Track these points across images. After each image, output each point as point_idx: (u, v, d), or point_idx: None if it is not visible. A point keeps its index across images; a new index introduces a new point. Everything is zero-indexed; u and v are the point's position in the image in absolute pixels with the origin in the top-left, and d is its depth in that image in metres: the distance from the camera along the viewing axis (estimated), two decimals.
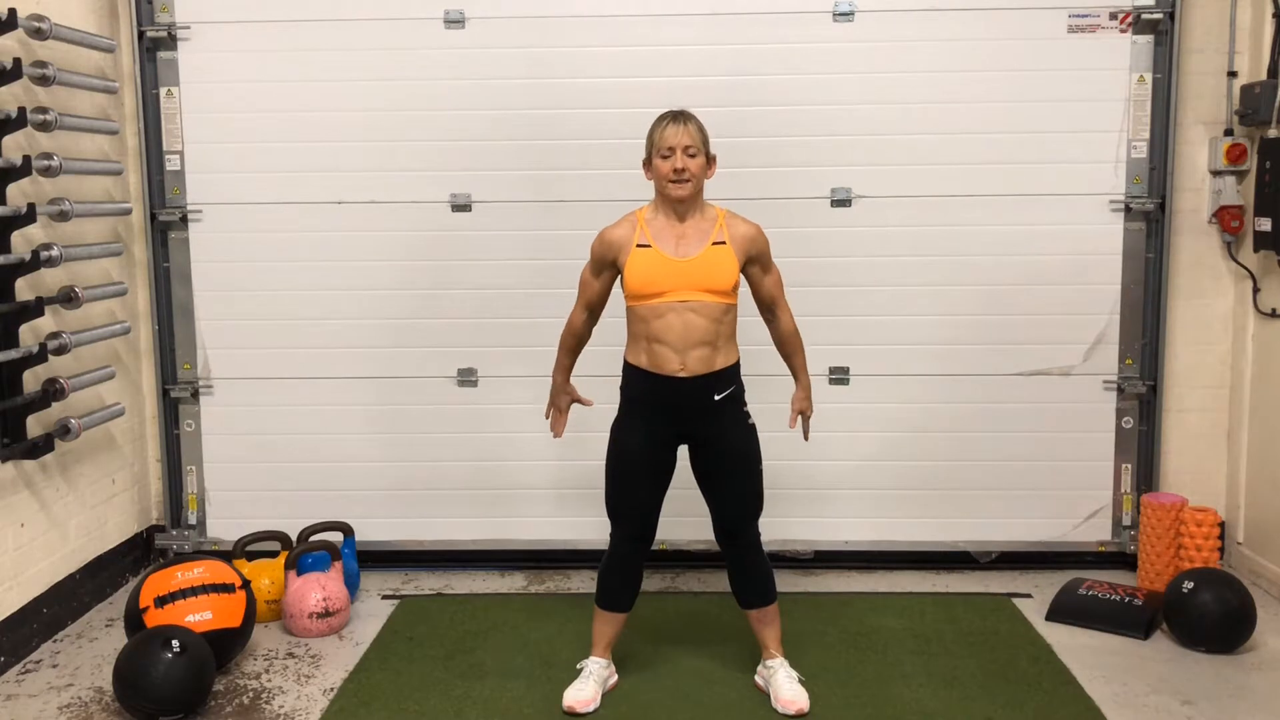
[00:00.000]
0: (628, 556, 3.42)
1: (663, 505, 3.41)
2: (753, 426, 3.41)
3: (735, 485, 3.37)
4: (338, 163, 4.46)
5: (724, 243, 3.28)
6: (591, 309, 3.50)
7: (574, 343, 3.55)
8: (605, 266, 3.40)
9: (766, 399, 3.58)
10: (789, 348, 3.51)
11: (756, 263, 3.37)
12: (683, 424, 3.35)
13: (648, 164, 3.35)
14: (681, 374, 3.28)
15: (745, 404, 3.41)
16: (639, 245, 3.29)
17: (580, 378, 3.58)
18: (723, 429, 3.35)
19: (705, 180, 3.33)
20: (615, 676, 3.52)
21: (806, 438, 3.56)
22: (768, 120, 4.39)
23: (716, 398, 3.32)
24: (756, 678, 3.51)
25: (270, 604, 4.06)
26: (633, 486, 3.36)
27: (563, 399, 3.60)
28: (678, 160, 3.23)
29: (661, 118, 3.34)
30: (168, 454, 4.63)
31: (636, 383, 3.37)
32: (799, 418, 3.52)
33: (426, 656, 3.76)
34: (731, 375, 3.36)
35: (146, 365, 4.61)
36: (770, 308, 3.47)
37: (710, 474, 3.39)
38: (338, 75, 4.42)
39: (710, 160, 3.33)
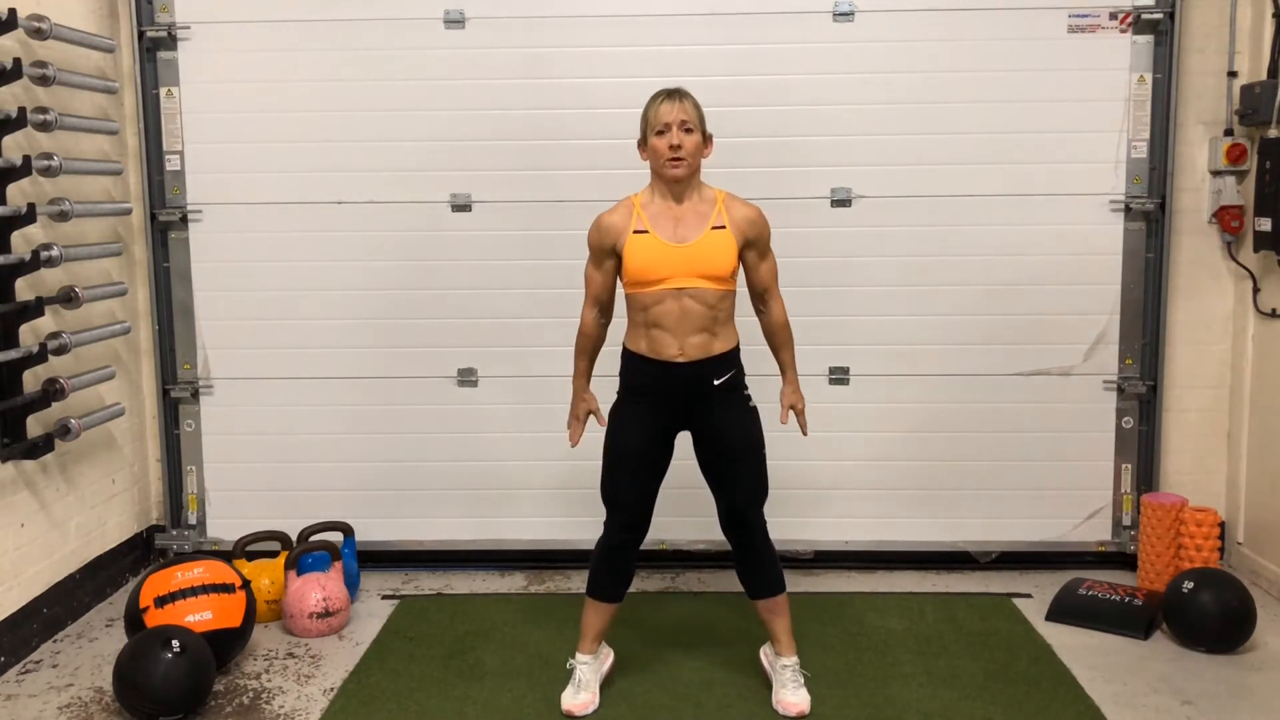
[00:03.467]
0: (619, 549, 3.37)
1: (657, 496, 3.37)
2: (754, 410, 3.37)
3: (740, 470, 3.31)
4: (338, 163, 4.46)
5: (723, 227, 3.23)
6: (601, 305, 3.43)
7: (588, 344, 3.48)
8: (606, 255, 3.34)
9: (764, 398, 3.56)
10: (778, 339, 3.45)
11: (754, 247, 3.31)
12: (682, 411, 3.32)
13: (643, 144, 3.29)
14: (680, 359, 3.25)
15: (746, 388, 3.37)
16: (636, 231, 3.24)
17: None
18: (724, 414, 3.32)
19: (702, 159, 3.27)
20: (611, 658, 3.51)
21: (805, 433, 3.50)
22: (768, 120, 4.39)
23: (716, 382, 3.29)
24: (762, 657, 3.50)
25: (270, 604, 4.06)
26: (629, 475, 3.32)
27: (581, 407, 3.48)
28: (673, 137, 3.17)
29: (656, 95, 3.27)
30: (168, 454, 4.63)
31: (635, 369, 3.34)
32: (789, 412, 3.48)
33: (426, 656, 3.76)
34: (731, 359, 3.32)
35: (146, 365, 4.61)
36: (762, 296, 3.40)
37: (713, 460, 3.35)
38: (338, 75, 4.42)
39: (707, 139, 3.28)
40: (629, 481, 3.32)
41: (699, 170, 3.28)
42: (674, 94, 3.24)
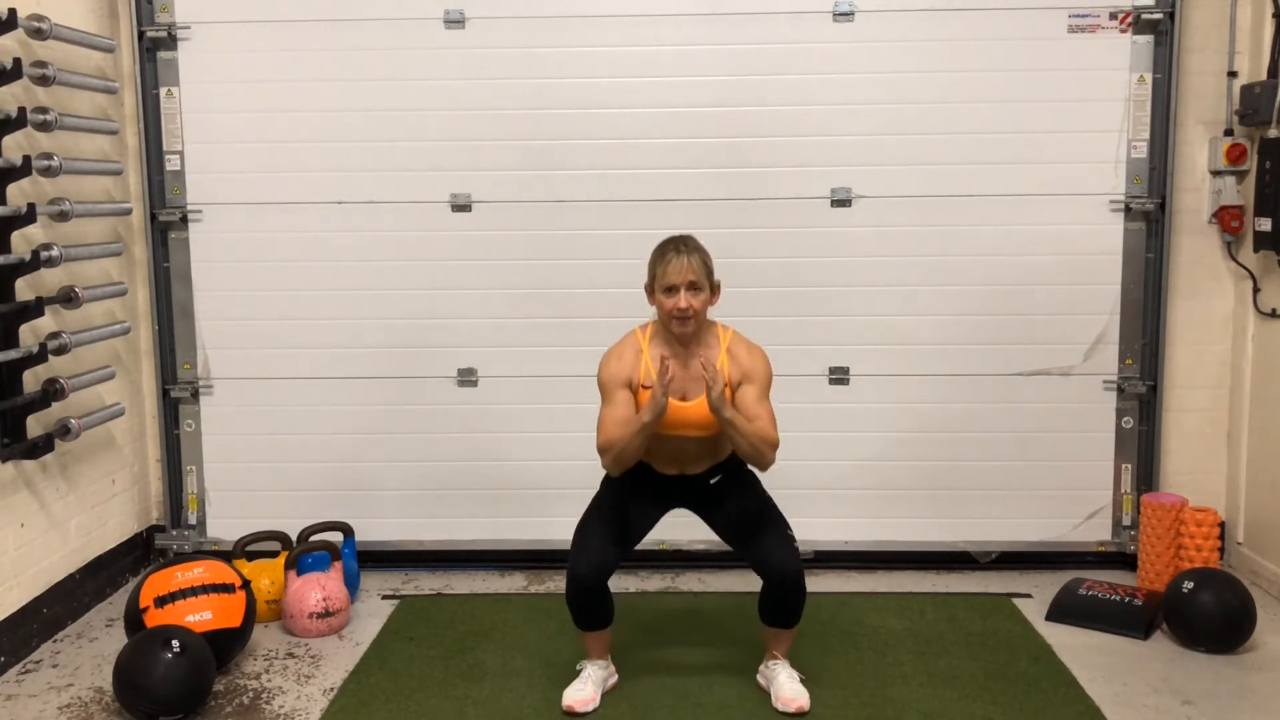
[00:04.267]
0: (584, 594, 3.31)
1: (618, 563, 3.35)
2: (754, 474, 3.41)
3: (766, 534, 3.30)
4: (338, 163, 4.46)
5: (725, 384, 3.19)
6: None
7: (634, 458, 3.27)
8: (619, 388, 3.25)
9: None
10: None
11: (748, 381, 3.25)
12: (679, 500, 3.41)
13: (650, 292, 3.26)
14: (676, 474, 3.35)
15: (744, 464, 3.39)
16: (644, 386, 3.22)
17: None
18: (728, 497, 3.36)
19: (711, 307, 3.26)
20: (615, 676, 3.51)
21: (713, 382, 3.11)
22: (768, 120, 4.39)
23: (712, 481, 3.38)
24: (758, 677, 3.51)
25: (270, 604, 4.06)
26: (599, 539, 3.30)
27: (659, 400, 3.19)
28: (681, 299, 3.15)
29: (664, 248, 3.23)
30: (168, 454, 4.63)
31: (632, 469, 3.33)
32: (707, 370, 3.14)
33: (426, 656, 3.76)
34: (726, 461, 3.38)
35: (146, 365, 4.61)
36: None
37: (735, 536, 3.38)
38: (338, 75, 4.42)
39: (715, 289, 3.25)
40: (596, 547, 3.29)
41: (705, 316, 3.27)
42: (681, 249, 3.19)
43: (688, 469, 3.37)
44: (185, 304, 4.56)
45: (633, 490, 3.41)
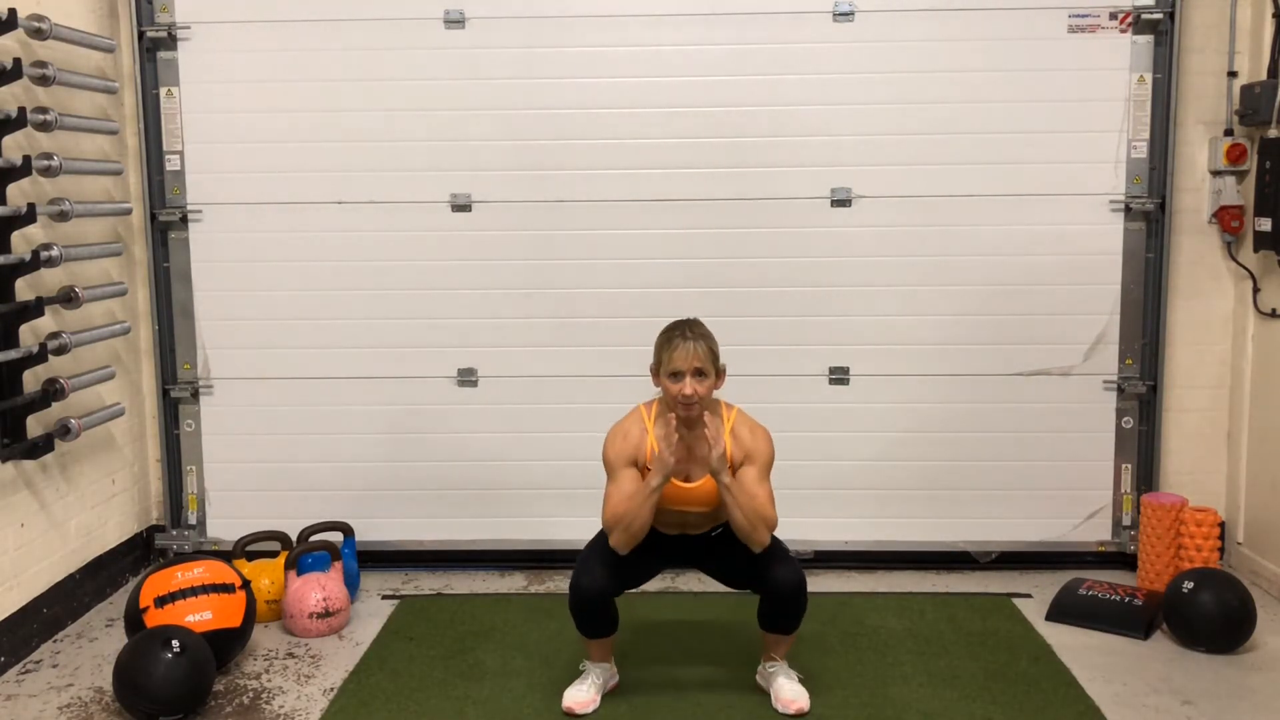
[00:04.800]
0: (591, 602, 3.29)
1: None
2: None
3: (765, 557, 3.27)
4: (338, 163, 4.46)
5: (727, 456, 3.19)
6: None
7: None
8: (626, 465, 3.25)
9: (764, 399, 3.57)
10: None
11: (749, 463, 3.24)
12: (680, 556, 3.44)
13: (655, 374, 3.25)
14: (679, 534, 3.37)
15: None
16: (648, 466, 3.22)
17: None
18: (729, 548, 3.35)
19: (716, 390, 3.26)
20: (616, 678, 3.51)
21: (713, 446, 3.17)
22: (767, 120, 4.39)
23: (714, 534, 3.40)
24: (757, 677, 3.51)
25: (270, 604, 4.06)
26: (605, 568, 3.28)
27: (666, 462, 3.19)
28: (686, 386, 3.15)
29: (670, 333, 3.22)
30: (168, 454, 4.63)
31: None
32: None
33: (426, 656, 3.76)
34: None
35: (146, 365, 4.61)
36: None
37: (737, 575, 3.39)
38: (338, 75, 4.42)
39: (719, 374, 3.24)
40: (600, 572, 3.27)
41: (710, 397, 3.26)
42: (688, 335, 3.19)
43: (690, 531, 3.40)
44: (185, 304, 4.56)
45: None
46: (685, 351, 3.16)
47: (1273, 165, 4.12)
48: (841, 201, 4.42)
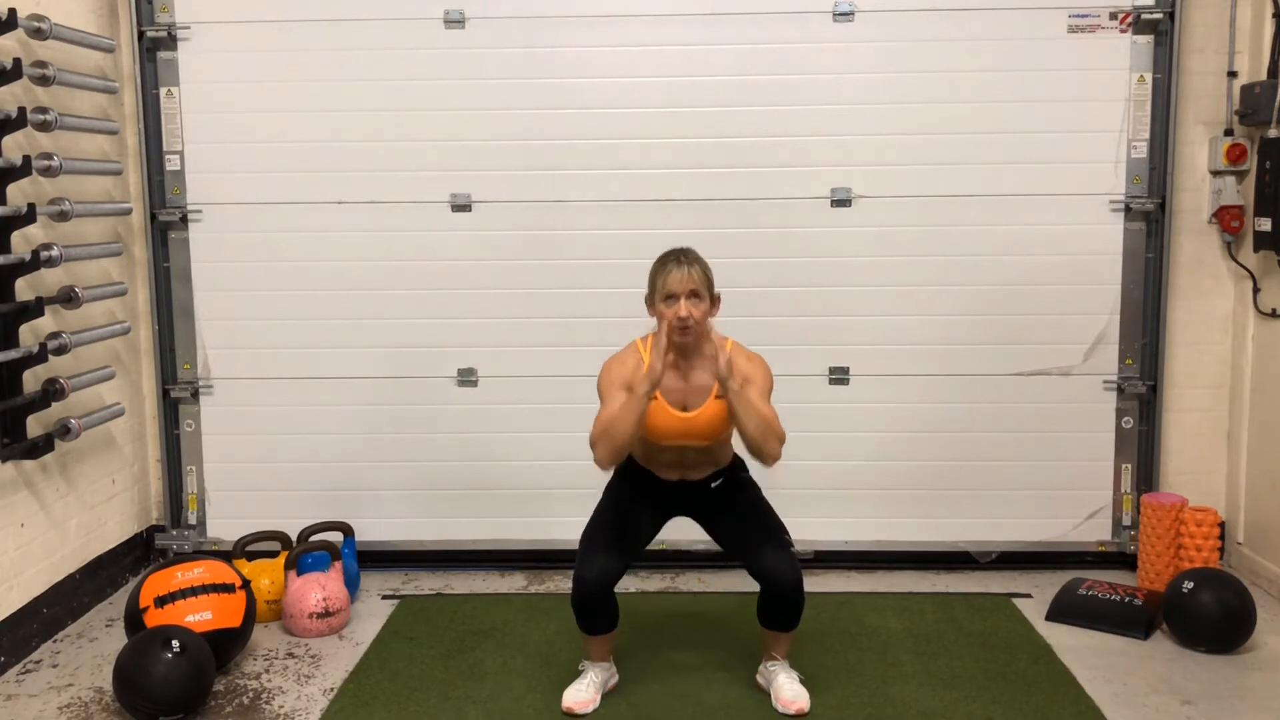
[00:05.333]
0: (594, 596, 3.31)
1: (623, 574, 3.36)
2: (753, 481, 3.46)
3: (765, 544, 3.29)
4: (338, 163, 4.46)
5: (724, 396, 3.18)
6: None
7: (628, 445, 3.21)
8: (622, 389, 3.23)
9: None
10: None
11: (748, 386, 3.21)
12: (680, 506, 3.44)
13: (650, 303, 3.26)
14: (678, 480, 3.38)
15: (744, 469, 3.46)
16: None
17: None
18: (728, 503, 3.39)
19: (711, 319, 3.25)
20: (616, 678, 3.51)
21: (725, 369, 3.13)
22: (768, 120, 4.39)
23: (713, 485, 3.41)
24: (758, 677, 3.51)
25: (270, 604, 4.06)
26: (603, 548, 3.31)
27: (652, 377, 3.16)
28: (681, 308, 3.15)
29: (665, 259, 3.23)
30: (168, 454, 4.63)
31: (633, 474, 3.42)
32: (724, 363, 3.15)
33: (426, 656, 3.76)
34: (727, 467, 3.42)
35: (146, 365, 4.61)
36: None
37: (735, 544, 3.39)
38: (338, 75, 4.42)
39: (714, 300, 3.26)
40: (601, 555, 3.30)
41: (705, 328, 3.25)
42: (682, 260, 3.20)
43: (689, 475, 3.39)
44: (185, 304, 4.56)
45: (635, 496, 3.42)
46: (680, 275, 3.16)
47: (1273, 165, 4.12)
48: (841, 202, 4.42)
